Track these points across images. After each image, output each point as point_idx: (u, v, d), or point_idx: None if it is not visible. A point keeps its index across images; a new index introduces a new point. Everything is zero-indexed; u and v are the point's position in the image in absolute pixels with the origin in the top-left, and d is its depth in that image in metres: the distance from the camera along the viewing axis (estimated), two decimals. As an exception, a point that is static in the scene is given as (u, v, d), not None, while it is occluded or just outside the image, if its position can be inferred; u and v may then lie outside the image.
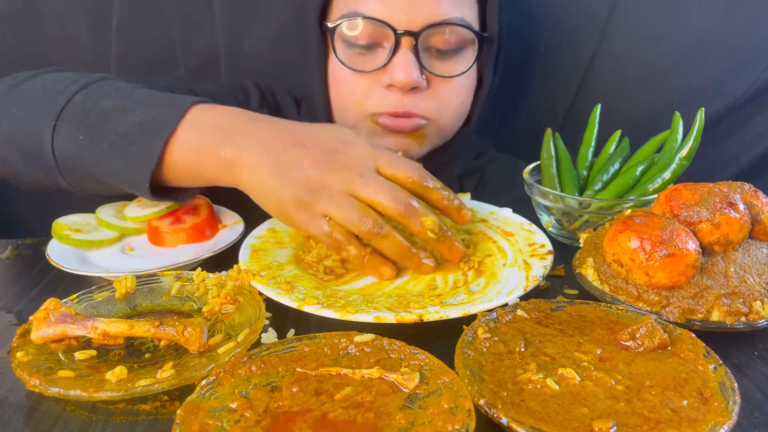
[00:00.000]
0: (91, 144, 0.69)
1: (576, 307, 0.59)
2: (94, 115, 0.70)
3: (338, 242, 0.65)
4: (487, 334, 0.53)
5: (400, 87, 0.81)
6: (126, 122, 0.69)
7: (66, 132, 0.70)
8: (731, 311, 0.56)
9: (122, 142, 0.68)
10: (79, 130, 0.70)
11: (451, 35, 0.82)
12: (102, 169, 0.70)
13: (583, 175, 0.85)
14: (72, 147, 0.70)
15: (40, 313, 0.55)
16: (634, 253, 0.58)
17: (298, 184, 0.64)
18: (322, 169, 0.65)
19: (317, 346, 0.52)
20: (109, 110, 0.70)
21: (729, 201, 0.59)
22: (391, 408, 0.45)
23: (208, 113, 0.70)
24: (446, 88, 0.85)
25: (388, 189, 0.64)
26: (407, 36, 0.80)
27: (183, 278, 0.66)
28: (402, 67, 0.80)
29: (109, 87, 0.74)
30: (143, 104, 0.71)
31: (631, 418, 0.44)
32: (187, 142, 0.68)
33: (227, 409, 0.45)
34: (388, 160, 0.67)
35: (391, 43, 0.81)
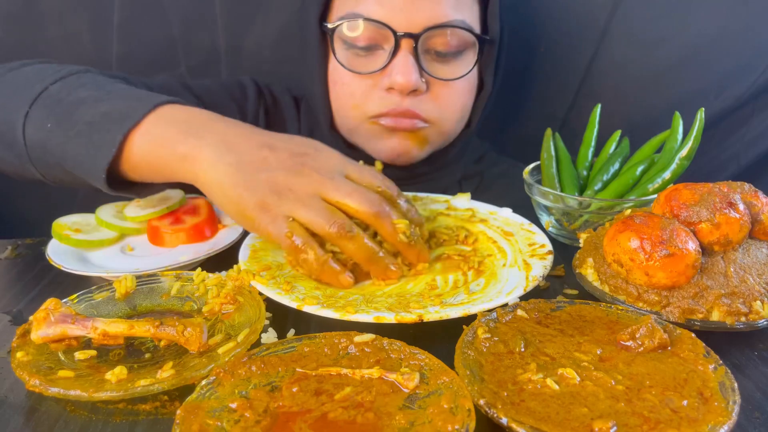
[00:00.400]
0: (59, 131, 0.69)
1: (576, 307, 0.59)
2: (66, 104, 0.70)
3: (296, 246, 0.63)
4: (487, 334, 0.53)
5: (399, 90, 0.81)
6: (94, 111, 0.68)
7: (37, 119, 0.70)
8: (731, 311, 0.56)
9: (87, 130, 0.68)
10: (49, 118, 0.70)
11: (451, 38, 0.82)
12: (66, 157, 0.69)
13: (583, 175, 0.85)
14: (40, 134, 0.70)
15: (40, 313, 0.55)
16: (634, 253, 0.58)
17: (262, 185, 0.63)
18: (289, 171, 0.63)
19: (317, 346, 0.52)
20: (82, 99, 0.70)
21: (729, 201, 0.59)
22: (391, 408, 0.45)
23: (177, 111, 0.69)
24: (446, 92, 0.85)
25: (361, 191, 0.64)
26: (407, 38, 0.80)
27: (183, 278, 0.66)
28: (401, 69, 0.80)
29: (87, 78, 0.74)
30: (115, 97, 0.70)
31: (631, 418, 0.44)
32: (149, 135, 0.67)
33: (227, 409, 0.45)
34: (358, 169, 0.67)
35: (390, 45, 0.81)
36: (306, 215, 0.62)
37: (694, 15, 1.03)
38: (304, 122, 1.00)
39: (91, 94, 0.71)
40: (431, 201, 0.87)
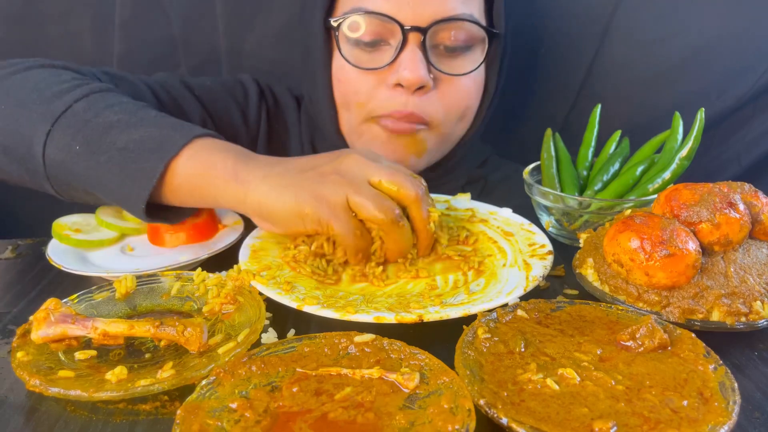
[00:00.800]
0: (88, 155, 0.67)
1: (576, 307, 0.59)
2: (94, 126, 0.68)
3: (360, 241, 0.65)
4: (487, 334, 0.53)
5: (407, 86, 0.79)
6: (127, 138, 0.67)
7: (61, 139, 0.67)
8: (731, 311, 0.56)
9: (120, 158, 0.66)
10: (76, 139, 0.67)
11: (459, 32, 0.81)
12: (94, 182, 0.68)
13: (583, 175, 0.85)
14: (65, 155, 0.67)
15: (40, 313, 0.55)
16: (634, 253, 0.58)
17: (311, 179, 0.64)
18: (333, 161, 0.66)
19: (317, 346, 0.52)
20: (112, 124, 0.68)
21: (729, 201, 0.59)
22: (391, 408, 0.45)
23: (215, 143, 0.69)
24: (453, 89, 0.84)
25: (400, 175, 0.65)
26: (415, 32, 0.78)
27: (183, 278, 0.66)
28: (409, 64, 0.78)
29: (113, 99, 0.72)
30: (148, 123, 0.69)
31: (631, 418, 0.44)
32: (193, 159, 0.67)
33: (227, 409, 0.45)
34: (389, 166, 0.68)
35: (397, 40, 0.79)
36: (360, 201, 0.63)
37: (694, 15, 1.03)
38: (305, 124, 0.99)
39: (121, 118, 0.69)
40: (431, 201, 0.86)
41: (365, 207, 0.63)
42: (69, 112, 0.69)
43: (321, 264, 0.68)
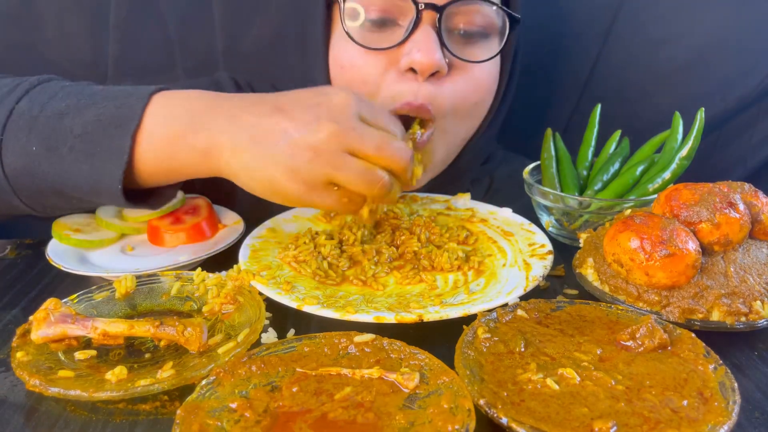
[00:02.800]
0: (47, 153, 0.62)
1: (576, 307, 0.59)
2: (44, 120, 0.63)
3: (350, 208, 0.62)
4: (487, 334, 0.53)
5: (420, 70, 0.71)
6: (83, 121, 0.62)
7: (14, 145, 0.62)
8: (731, 311, 0.56)
9: (82, 145, 0.61)
10: (30, 140, 0.62)
11: (477, 16, 0.74)
12: (62, 179, 0.62)
13: (583, 175, 0.85)
14: (24, 160, 0.62)
15: (40, 313, 0.55)
16: (634, 253, 0.58)
17: (286, 156, 0.58)
18: (307, 130, 0.58)
19: (317, 346, 0.52)
20: (61, 111, 0.63)
21: (729, 201, 0.59)
22: (391, 408, 0.45)
23: (171, 100, 0.63)
24: (467, 79, 0.76)
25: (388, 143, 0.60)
26: (430, 10, 0.71)
27: (183, 278, 0.66)
28: (423, 45, 0.70)
29: (54, 87, 0.66)
30: (99, 99, 0.63)
31: (631, 418, 0.44)
32: (156, 134, 0.61)
33: (227, 409, 0.45)
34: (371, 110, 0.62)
35: (409, 18, 0.72)
36: (345, 178, 0.58)
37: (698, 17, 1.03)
38: None
39: (69, 103, 0.63)
40: (431, 201, 0.87)
41: (352, 183, 0.59)
42: (14, 114, 0.63)
43: (322, 265, 0.68)
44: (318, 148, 0.58)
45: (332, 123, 0.58)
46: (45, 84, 0.67)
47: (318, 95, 0.61)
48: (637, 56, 1.06)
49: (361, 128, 0.59)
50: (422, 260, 0.70)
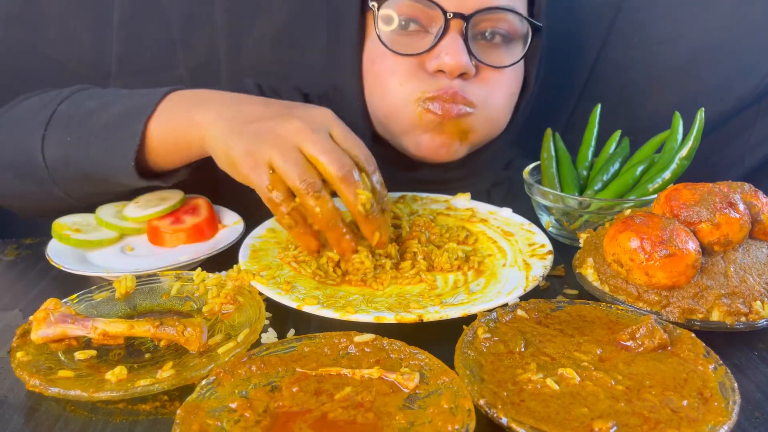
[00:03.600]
0: (78, 142, 0.73)
1: (576, 307, 0.59)
2: (78, 117, 0.74)
3: (274, 200, 0.64)
4: (487, 334, 0.53)
5: (448, 71, 0.77)
6: (107, 115, 0.73)
7: (54, 138, 0.74)
8: (731, 311, 0.56)
9: (105, 132, 0.72)
10: (66, 132, 0.74)
11: (501, 23, 0.79)
12: (90, 162, 0.73)
13: (583, 175, 0.85)
14: (61, 150, 0.74)
15: (40, 313, 0.55)
16: (634, 253, 0.58)
17: (249, 132, 0.65)
18: (277, 118, 0.65)
19: (317, 346, 0.52)
20: (92, 109, 0.75)
21: (729, 201, 0.59)
22: (391, 408, 0.45)
23: (184, 95, 0.74)
24: (496, 77, 0.82)
25: (337, 152, 0.63)
26: (457, 19, 0.76)
27: (183, 278, 0.66)
28: (451, 50, 0.76)
29: (91, 92, 0.79)
30: (123, 98, 0.75)
31: (631, 418, 0.44)
32: (164, 117, 0.71)
33: (227, 409, 0.45)
34: (344, 131, 0.66)
35: (437, 26, 0.78)
36: (282, 165, 0.62)
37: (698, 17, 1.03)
38: None
39: (99, 102, 0.75)
40: (431, 201, 0.87)
41: (283, 170, 0.62)
42: (55, 114, 0.76)
43: (322, 265, 0.68)
44: (277, 134, 0.64)
45: (300, 121, 0.64)
46: (84, 90, 0.80)
47: (304, 105, 0.70)
48: (636, 56, 1.06)
49: (320, 135, 0.64)
50: (422, 260, 0.70)
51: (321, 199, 0.62)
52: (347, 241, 0.66)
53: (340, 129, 0.66)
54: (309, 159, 0.63)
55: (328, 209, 0.63)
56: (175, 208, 0.79)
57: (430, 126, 0.81)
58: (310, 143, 0.63)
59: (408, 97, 0.80)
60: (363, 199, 0.63)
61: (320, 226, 0.65)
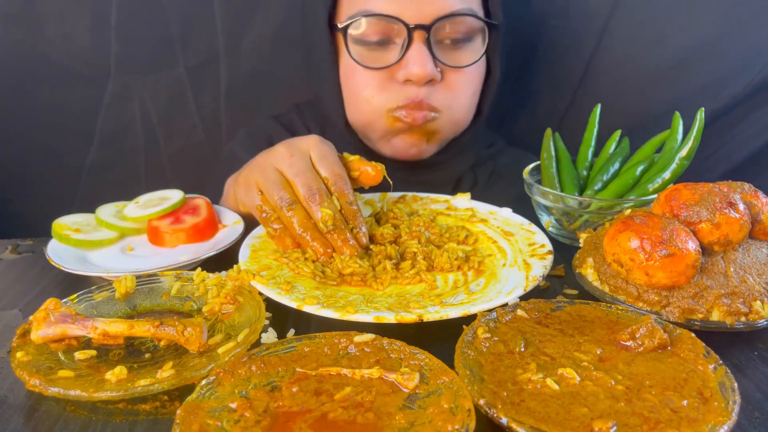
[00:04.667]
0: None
1: (576, 307, 0.59)
2: None
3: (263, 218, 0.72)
4: (487, 334, 0.53)
5: (416, 80, 0.83)
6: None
7: None
8: (731, 311, 0.56)
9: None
10: None
11: (460, 26, 0.84)
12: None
13: (583, 175, 0.85)
14: None
15: (40, 313, 0.55)
16: (634, 253, 0.58)
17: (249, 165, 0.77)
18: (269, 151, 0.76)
19: (317, 346, 0.52)
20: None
21: (729, 201, 0.59)
22: (391, 408, 0.45)
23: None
24: (459, 78, 0.87)
25: (306, 176, 0.71)
26: (419, 30, 0.82)
27: (183, 278, 0.66)
28: (417, 60, 0.82)
29: None
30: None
31: (631, 418, 0.44)
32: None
33: (227, 409, 0.45)
34: (319, 155, 0.73)
35: (402, 38, 0.83)
36: (262, 183, 0.72)
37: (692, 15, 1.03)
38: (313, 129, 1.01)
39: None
40: (431, 201, 0.87)
41: (264, 188, 0.72)
42: None
43: (318, 266, 0.68)
44: (265, 161, 0.74)
45: (284, 147, 0.74)
46: None
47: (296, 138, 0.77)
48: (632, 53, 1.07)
49: (297, 158, 0.72)
50: (422, 260, 0.70)
51: (293, 210, 0.70)
52: (315, 248, 0.70)
53: (316, 153, 0.73)
54: (287, 180, 0.72)
55: (300, 218, 0.70)
56: (175, 208, 0.79)
57: (400, 132, 0.89)
58: (286, 167, 0.72)
59: (380, 108, 0.87)
60: (324, 216, 0.69)
61: (294, 232, 0.71)
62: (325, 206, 0.69)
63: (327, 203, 0.70)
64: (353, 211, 0.72)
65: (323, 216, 0.69)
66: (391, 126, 0.88)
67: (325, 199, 0.70)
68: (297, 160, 0.72)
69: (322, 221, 0.69)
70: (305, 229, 0.70)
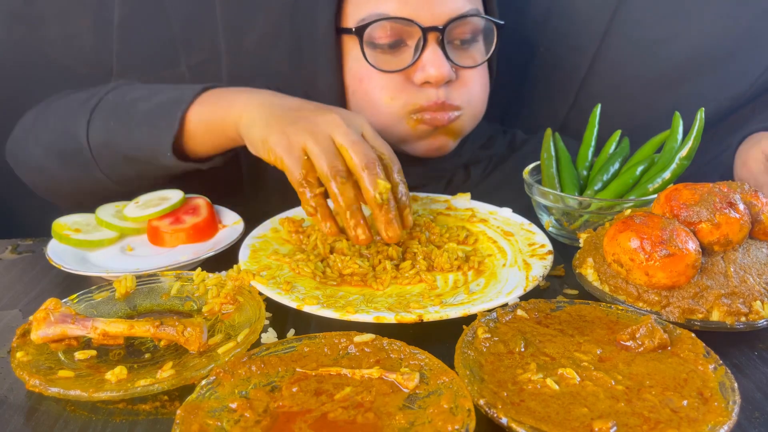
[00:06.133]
0: (121, 126, 0.80)
1: (576, 307, 0.59)
2: (122, 105, 0.82)
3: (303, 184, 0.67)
4: (487, 334, 0.53)
5: (435, 82, 0.83)
6: (150, 103, 0.80)
7: (99, 123, 0.81)
8: (731, 311, 0.56)
9: (147, 118, 0.79)
10: (110, 118, 0.81)
11: (468, 27, 0.85)
12: (132, 145, 0.80)
13: (583, 175, 0.85)
14: (104, 135, 0.81)
15: (40, 313, 0.55)
16: (634, 253, 0.58)
17: (288, 119, 0.70)
18: (315, 111, 0.72)
19: (317, 346, 0.52)
20: (136, 98, 0.82)
21: (729, 201, 0.59)
22: (391, 408, 0.45)
23: (223, 90, 0.80)
24: (471, 75, 0.88)
25: (364, 146, 0.67)
26: (433, 31, 0.82)
27: (183, 278, 0.66)
28: (434, 62, 0.82)
29: (136, 85, 0.87)
30: (167, 90, 0.82)
31: (631, 419, 0.44)
32: (205, 105, 0.78)
33: (227, 409, 0.45)
34: (374, 132, 0.72)
35: (414, 40, 0.83)
36: (313, 148, 0.67)
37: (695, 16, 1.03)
38: None
39: (143, 93, 0.83)
40: (431, 201, 0.87)
41: (315, 154, 0.67)
42: (102, 102, 0.83)
43: (319, 266, 0.68)
44: (313, 122, 0.69)
45: (337, 115, 0.70)
46: (129, 84, 0.87)
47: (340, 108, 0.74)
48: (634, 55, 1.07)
49: (352, 129, 0.69)
50: (422, 260, 0.70)
51: (345, 185, 0.66)
52: (363, 228, 0.68)
53: (371, 131, 0.72)
54: (338, 148, 0.67)
55: (349, 195, 0.67)
56: (175, 208, 0.79)
57: (424, 135, 0.88)
58: (341, 134, 0.67)
59: (399, 111, 0.85)
60: (381, 187, 0.66)
61: (340, 210, 0.67)
62: (381, 177, 0.67)
63: (383, 175, 0.67)
64: (404, 191, 0.70)
65: (381, 187, 0.66)
66: (413, 129, 0.86)
67: (380, 171, 0.67)
68: (352, 131, 0.68)
69: (379, 192, 0.66)
70: (352, 211, 0.67)
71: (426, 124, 0.85)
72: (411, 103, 0.85)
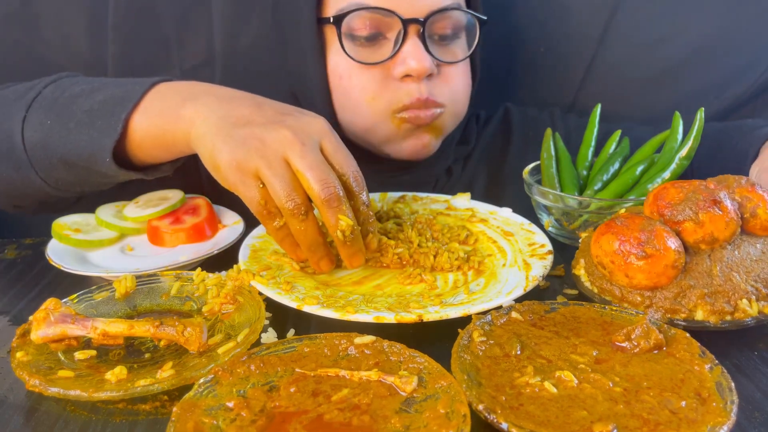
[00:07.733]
0: (59, 126, 0.71)
1: (570, 309, 0.58)
2: (62, 101, 0.73)
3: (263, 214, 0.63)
4: (482, 338, 0.53)
5: (416, 75, 0.81)
6: (92, 101, 0.71)
7: (35, 120, 0.72)
8: (714, 310, 0.56)
9: (87, 118, 0.70)
10: (48, 116, 0.72)
11: (450, 21, 0.84)
12: (69, 148, 0.71)
13: (583, 175, 0.85)
14: (40, 133, 0.72)
15: (40, 313, 0.55)
16: (614, 255, 0.58)
17: (237, 139, 0.62)
18: (267, 125, 0.63)
19: (317, 346, 0.52)
20: (77, 94, 0.73)
21: (714, 199, 0.58)
22: (387, 411, 0.45)
23: (174, 86, 0.72)
24: (454, 73, 0.86)
25: (323, 170, 0.61)
26: (414, 24, 0.80)
27: (183, 278, 0.66)
28: (415, 55, 0.80)
29: (78, 79, 0.77)
30: (110, 85, 0.73)
31: (631, 421, 0.44)
32: (150, 109, 0.69)
33: (224, 408, 0.45)
34: (335, 145, 0.64)
35: (394, 33, 0.81)
36: (270, 180, 0.60)
37: (694, 15, 1.03)
38: None
39: (85, 88, 0.73)
40: (431, 201, 0.87)
41: (269, 183, 0.61)
42: (39, 97, 0.74)
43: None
44: (265, 143, 0.61)
45: (290, 131, 0.62)
46: (73, 77, 0.78)
47: (298, 111, 0.67)
48: (633, 54, 1.07)
49: (308, 148, 0.61)
50: (422, 260, 0.70)
51: (306, 222, 0.62)
52: (326, 263, 0.67)
53: (331, 142, 0.64)
54: (295, 173, 0.61)
55: (312, 232, 0.63)
56: (175, 208, 0.79)
57: (408, 133, 0.86)
58: (296, 156, 0.61)
59: (383, 111, 0.84)
60: (343, 225, 0.62)
61: (303, 246, 0.64)
62: (344, 212, 0.61)
63: (345, 208, 0.62)
64: (368, 214, 0.65)
65: (343, 225, 0.62)
66: (398, 128, 0.84)
67: (343, 203, 0.61)
68: (309, 150, 0.61)
69: (341, 230, 0.62)
70: (315, 243, 0.64)
71: (409, 122, 0.83)
72: (394, 102, 0.82)
